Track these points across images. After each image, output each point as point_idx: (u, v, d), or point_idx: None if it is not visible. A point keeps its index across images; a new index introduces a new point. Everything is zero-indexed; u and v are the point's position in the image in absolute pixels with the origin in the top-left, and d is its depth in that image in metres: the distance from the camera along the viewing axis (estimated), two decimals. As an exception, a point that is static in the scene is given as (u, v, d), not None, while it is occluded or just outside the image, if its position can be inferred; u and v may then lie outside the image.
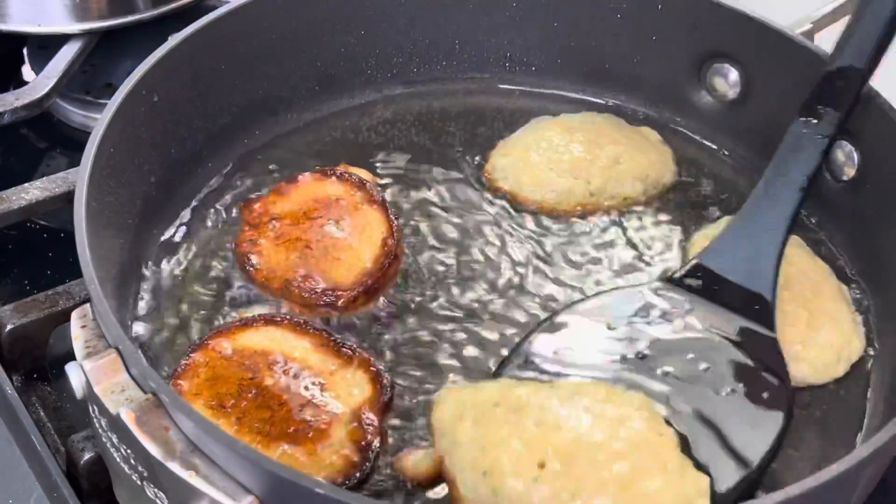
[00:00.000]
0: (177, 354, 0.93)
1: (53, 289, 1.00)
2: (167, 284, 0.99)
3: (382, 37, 1.20)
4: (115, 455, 0.79)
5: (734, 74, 1.16)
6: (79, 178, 0.89)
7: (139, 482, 0.78)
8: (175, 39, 1.05)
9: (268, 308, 0.97)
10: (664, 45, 1.18)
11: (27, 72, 1.38)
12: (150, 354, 0.93)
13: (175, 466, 0.73)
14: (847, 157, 1.06)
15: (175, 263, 1.01)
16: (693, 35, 1.16)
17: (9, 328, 0.98)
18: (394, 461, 0.87)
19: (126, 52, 1.34)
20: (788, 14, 1.17)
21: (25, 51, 1.38)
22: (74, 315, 0.84)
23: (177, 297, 0.98)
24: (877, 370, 0.97)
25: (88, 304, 0.83)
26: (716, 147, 1.19)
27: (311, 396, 0.88)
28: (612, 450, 0.81)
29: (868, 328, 1.00)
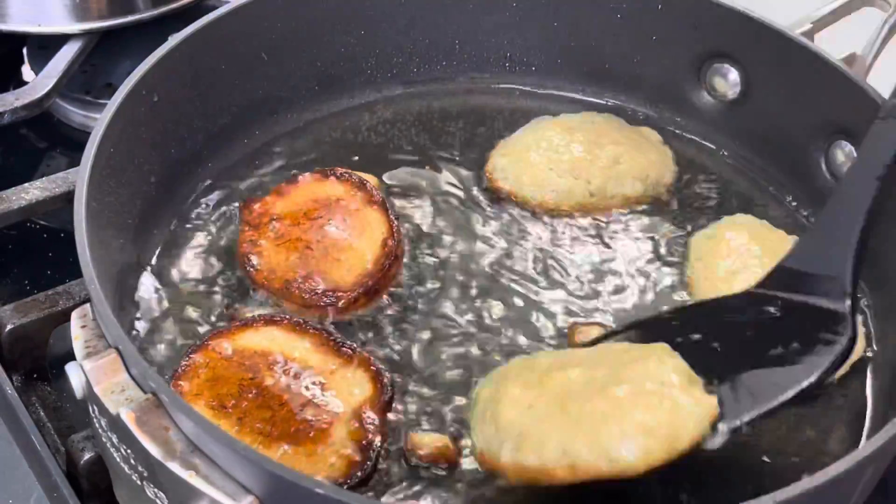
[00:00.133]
0: (177, 355, 0.92)
1: (53, 289, 1.00)
2: (167, 284, 0.99)
3: (382, 37, 1.20)
4: (115, 455, 0.79)
5: (734, 74, 1.16)
6: (79, 178, 0.89)
7: (139, 482, 0.78)
8: (175, 39, 1.04)
9: (268, 308, 0.97)
10: (664, 45, 1.18)
11: (27, 72, 1.37)
12: (150, 355, 0.93)
13: (175, 466, 0.73)
14: (847, 157, 1.06)
15: (175, 263, 1.01)
16: (693, 35, 1.16)
17: (9, 328, 0.98)
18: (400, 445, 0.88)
19: (126, 52, 1.34)
20: (788, 14, 1.16)
21: (25, 51, 1.38)
22: (74, 315, 0.84)
23: (177, 298, 0.98)
24: (876, 370, 0.97)
25: (88, 304, 0.83)
26: (716, 147, 1.19)
27: (312, 396, 0.88)
28: (617, 376, 0.82)
29: (868, 328, 1.00)
